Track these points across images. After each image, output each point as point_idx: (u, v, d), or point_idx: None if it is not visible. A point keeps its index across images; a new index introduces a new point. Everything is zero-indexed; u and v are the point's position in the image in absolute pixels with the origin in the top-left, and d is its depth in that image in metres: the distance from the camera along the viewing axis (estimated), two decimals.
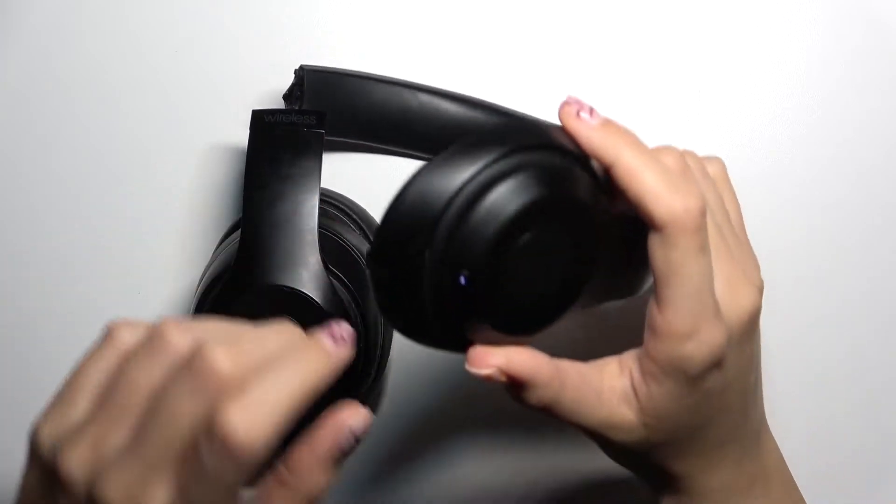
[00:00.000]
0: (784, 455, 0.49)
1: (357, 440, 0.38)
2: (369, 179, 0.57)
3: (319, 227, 0.48)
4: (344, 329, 0.39)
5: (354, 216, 0.55)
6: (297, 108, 0.54)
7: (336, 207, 0.55)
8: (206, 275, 0.52)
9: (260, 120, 0.49)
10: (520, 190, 0.38)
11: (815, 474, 0.48)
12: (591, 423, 0.42)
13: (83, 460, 0.36)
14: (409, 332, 0.40)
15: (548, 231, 0.39)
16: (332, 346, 0.38)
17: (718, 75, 0.57)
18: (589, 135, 0.40)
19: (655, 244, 0.40)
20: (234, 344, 0.36)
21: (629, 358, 0.42)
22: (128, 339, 0.38)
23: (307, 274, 0.47)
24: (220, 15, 0.57)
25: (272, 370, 0.36)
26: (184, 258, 0.58)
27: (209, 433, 0.34)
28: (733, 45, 0.57)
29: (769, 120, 0.57)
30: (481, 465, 0.59)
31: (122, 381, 0.36)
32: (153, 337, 0.36)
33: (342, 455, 0.38)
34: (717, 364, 0.41)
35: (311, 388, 0.36)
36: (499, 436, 0.59)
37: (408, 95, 0.55)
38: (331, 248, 0.50)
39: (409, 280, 0.38)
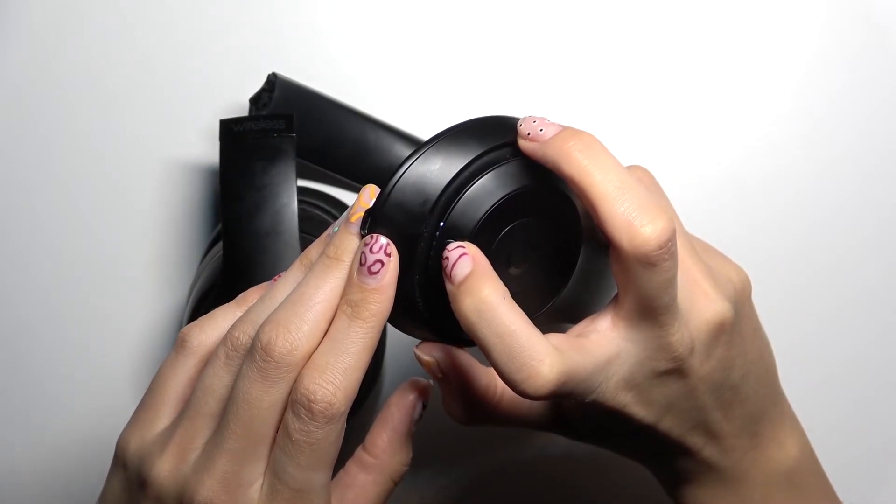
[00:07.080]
0: None
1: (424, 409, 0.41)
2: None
3: (302, 231, 0.47)
4: (375, 248, 0.36)
5: (337, 214, 0.54)
6: (263, 113, 0.53)
7: (318, 207, 0.54)
8: (195, 290, 0.51)
9: (228, 130, 0.48)
10: (511, 176, 0.38)
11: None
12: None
13: (170, 470, 0.37)
14: (398, 317, 0.39)
15: (536, 222, 0.38)
16: (374, 280, 0.36)
17: (719, 76, 0.57)
18: (542, 155, 0.38)
19: (616, 267, 0.38)
20: (284, 321, 0.36)
21: None
22: (199, 342, 0.39)
23: None
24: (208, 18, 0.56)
25: (332, 330, 0.36)
26: (171, 267, 0.57)
27: (293, 407, 0.35)
28: (734, 46, 0.56)
29: (770, 121, 0.57)
30: (476, 463, 0.59)
31: (199, 388, 0.37)
32: (223, 341, 0.37)
33: (415, 429, 0.40)
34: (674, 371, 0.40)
35: (373, 334, 0.36)
36: (493, 434, 0.59)
37: (368, 129, 0.54)
38: None
39: (402, 258, 0.37)
